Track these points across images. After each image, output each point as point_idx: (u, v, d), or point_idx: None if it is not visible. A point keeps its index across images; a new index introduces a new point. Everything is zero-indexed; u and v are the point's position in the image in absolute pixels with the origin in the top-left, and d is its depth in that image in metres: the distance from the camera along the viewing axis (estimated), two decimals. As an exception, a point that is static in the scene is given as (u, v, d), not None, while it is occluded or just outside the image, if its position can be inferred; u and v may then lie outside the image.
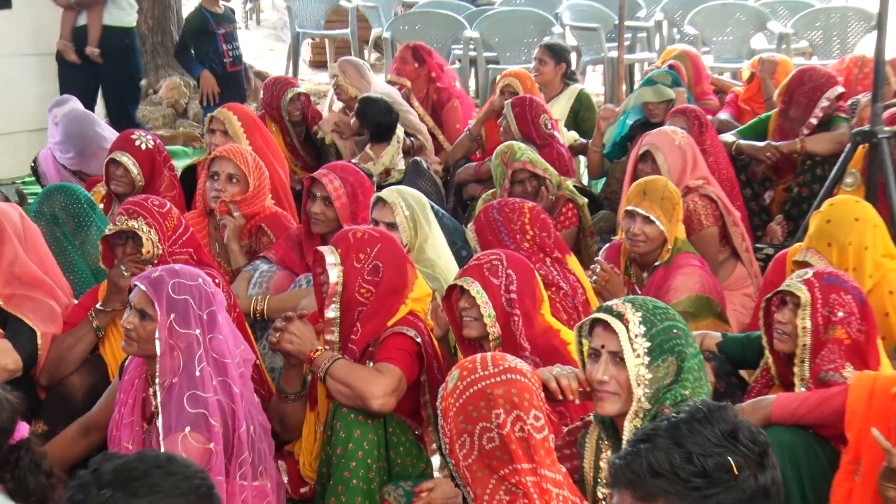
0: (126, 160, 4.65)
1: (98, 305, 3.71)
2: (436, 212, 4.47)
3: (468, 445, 2.36)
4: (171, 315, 2.89)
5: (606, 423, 2.64)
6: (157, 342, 2.88)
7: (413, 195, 4.20)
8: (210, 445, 2.83)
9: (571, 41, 9.62)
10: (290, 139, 6.16)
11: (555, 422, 2.92)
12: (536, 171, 4.80)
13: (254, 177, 4.53)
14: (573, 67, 7.49)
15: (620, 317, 2.53)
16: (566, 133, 6.20)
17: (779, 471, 1.80)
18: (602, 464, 2.66)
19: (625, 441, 2.49)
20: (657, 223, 4.02)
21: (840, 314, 3.06)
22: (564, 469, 2.44)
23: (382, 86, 6.43)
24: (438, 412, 2.43)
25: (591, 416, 2.71)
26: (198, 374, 2.88)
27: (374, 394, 3.13)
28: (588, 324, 2.64)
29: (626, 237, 4.13)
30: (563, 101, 6.72)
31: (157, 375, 2.90)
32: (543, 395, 2.46)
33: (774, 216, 5.47)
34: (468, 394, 2.37)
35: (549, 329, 3.29)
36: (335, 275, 3.30)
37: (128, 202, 3.81)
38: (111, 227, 3.73)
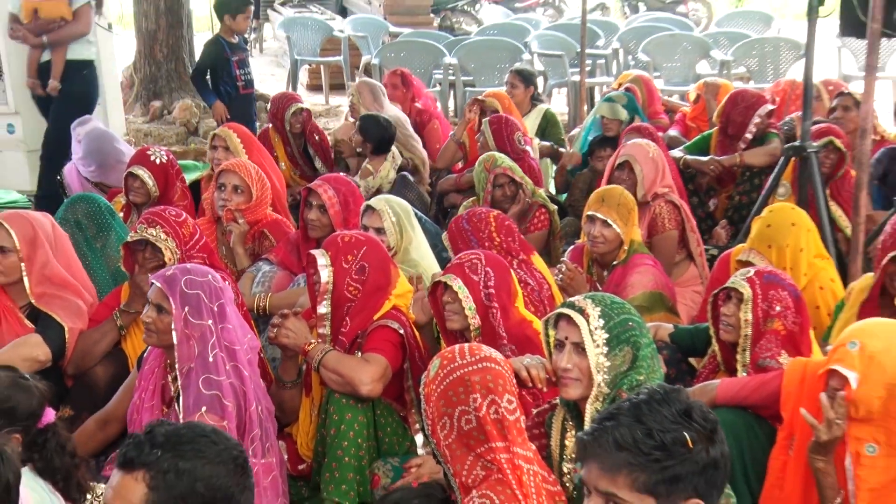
0: (142, 173, 4.63)
1: (122, 306, 3.69)
2: (419, 219, 4.46)
3: (448, 426, 2.36)
4: (185, 308, 2.88)
5: (571, 406, 2.63)
6: (174, 333, 2.88)
7: (399, 203, 4.18)
8: (224, 423, 2.81)
9: (539, 67, 9.67)
10: (291, 149, 6.17)
11: (528, 402, 2.91)
12: (514, 177, 4.83)
13: (256, 188, 4.54)
14: (540, 90, 7.50)
15: (582, 311, 2.52)
16: (539, 143, 6.21)
17: (726, 446, 1.81)
18: (567, 442, 2.65)
19: (587, 421, 2.48)
20: (614, 226, 4.02)
21: (777, 308, 3.07)
22: (534, 447, 2.44)
23: (393, 110, 6.41)
24: (421, 397, 2.43)
25: (558, 400, 2.70)
26: (211, 360, 2.86)
27: (363, 380, 3.12)
28: (554, 317, 2.64)
29: (588, 239, 4.13)
30: (532, 119, 6.73)
31: (176, 362, 2.88)
32: (515, 382, 2.46)
33: (719, 221, 5.48)
34: (448, 380, 2.37)
35: (524, 320, 3.28)
36: (326, 275, 3.28)
37: (147, 213, 3.79)
38: (133, 235, 3.70)
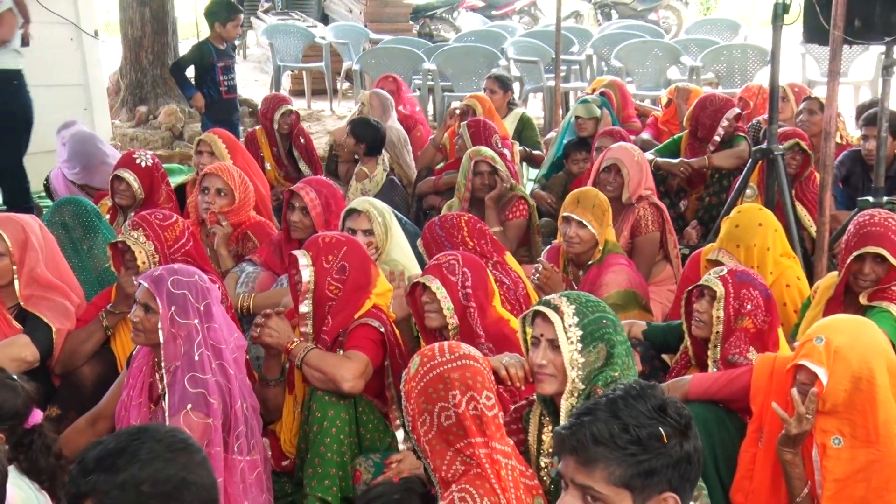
0: (128, 176, 4.61)
1: (108, 307, 3.66)
2: (400, 220, 4.45)
3: (428, 423, 2.34)
4: (172, 307, 2.86)
5: (547, 402, 2.62)
6: (161, 332, 2.85)
7: (381, 203, 4.17)
8: (209, 421, 2.80)
9: (515, 72, 9.68)
10: (277, 150, 6.16)
11: (506, 399, 2.90)
12: (495, 165, 4.94)
13: (239, 191, 4.54)
14: (516, 95, 7.51)
15: (557, 309, 2.51)
16: (517, 146, 6.23)
17: (699, 440, 1.80)
18: (544, 437, 2.63)
19: (563, 417, 2.47)
20: (589, 227, 4.02)
21: (748, 307, 3.08)
22: (512, 442, 2.43)
23: (397, 125, 6.46)
24: (402, 394, 2.41)
25: (535, 396, 2.69)
26: (197, 359, 2.84)
27: (345, 377, 3.10)
28: (530, 314, 2.63)
29: (563, 240, 4.13)
30: (509, 123, 6.75)
31: (163, 361, 2.86)
32: (494, 379, 2.45)
33: (689, 222, 5.50)
34: (428, 378, 2.36)
35: (501, 319, 3.27)
36: (307, 274, 3.26)
37: (136, 216, 3.76)
38: (118, 237, 3.69)
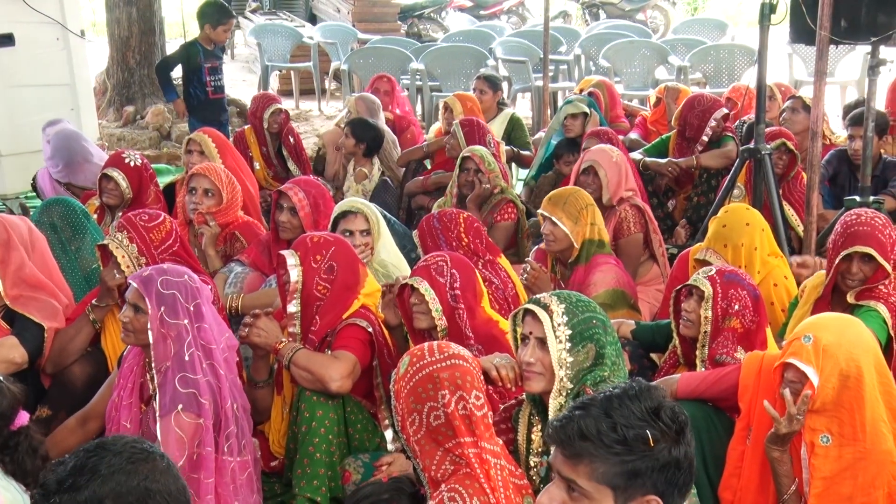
0: (116, 175, 4.59)
1: (94, 301, 3.64)
2: (388, 220, 4.44)
3: (417, 422, 2.34)
4: (161, 308, 2.85)
5: (536, 401, 2.62)
6: (150, 332, 2.84)
7: (372, 205, 4.16)
8: (200, 421, 2.79)
9: (503, 72, 9.68)
10: (266, 149, 6.15)
11: (495, 399, 2.90)
12: (481, 167, 4.91)
13: (227, 191, 4.53)
14: (505, 95, 7.51)
15: (546, 307, 2.51)
16: (504, 147, 6.24)
17: (693, 447, 1.79)
18: (534, 436, 2.63)
19: (551, 416, 2.47)
20: (560, 225, 4.02)
21: (736, 307, 3.08)
22: (501, 441, 2.43)
23: (383, 126, 6.46)
24: (391, 393, 2.41)
25: (524, 396, 2.69)
26: (187, 359, 2.83)
27: (333, 377, 3.09)
28: (521, 312, 2.63)
29: (543, 238, 4.14)
30: (498, 123, 6.74)
31: (153, 362, 2.84)
32: (484, 379, 2.44)
33: (677, 221, 5.51)
34: (418, 377, 2.36)
35: (490, 320, 3.27)
36: (295, 274, 3.26)
37: (122, 216, 3.74)
38: (104, 239, 3.68)
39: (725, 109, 5.65)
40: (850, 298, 3.34)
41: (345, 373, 3.11)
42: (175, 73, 7.10)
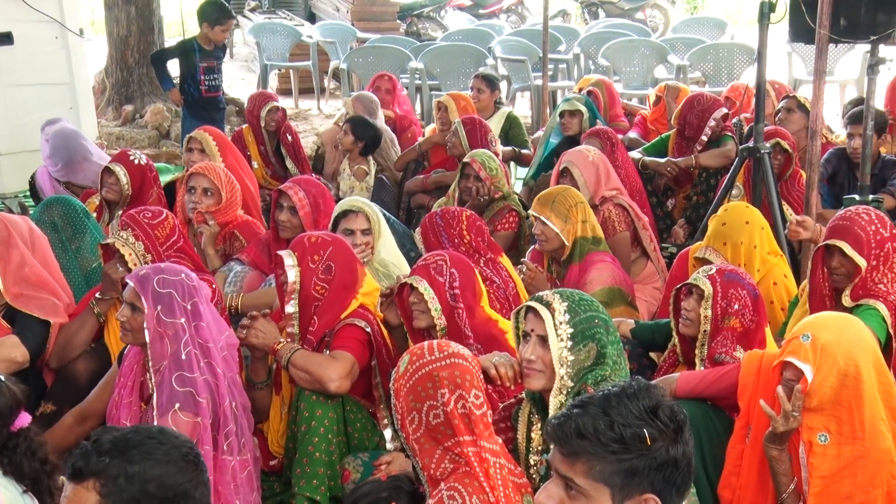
0: (118, 170, 4.59)
1: (97, 295, 3.66)
2: (388, 219, 4.44)
3: (417, 421, 2.34)
4: (158, 307, 2.85)
5: (536, 399, 2.62)
6: (147, 331, 2.84)
7: (373, 204, 4.16)
8: (197, 419, 2.79)
9: (502, 71, 9.68)
10: (264, 148, 6.14)
11: (494, 398, 2.90)
12: (480, 173, 4.85)
13: (226, 190, 4.52)
14: (503, 94, 7.52)
15: (548, 305, 2.52)
16: (501, 148, 6.24)
17: (691, 446, 1.78)
18: (533, 435, 2.63)
19: (551, 414, 2.47)
20: (549, 224, 4.03)
21: (736, 306, 3.09)
22: (501, 440, 2.43)
23: (382, 125, 6.48)
24: (391, 392, 2.41)
25: (524, 394, 2.69)
26: (184, 358, 2.83)
27: (331, 377, 3.09)
28: (523, 309, 2.63)
29: (536, 238, 4.15)
30: (496, 122, 6.74)
31: (151, 361, 2.84)
32: (483, 378, 2.44)
33: (677, 220, 5.51)
34: (417, 376, 2.36)
35: (489, 319, 3.27)
36: (293, 275, 3.26)
37: (124, 215, 3.75)
38: (108, 239, 3.69)
39: (725, 109, 5.65)
40: (846, 300, 3.30)
41: (343, 373, 3.11)
42: (174, 73, 7.10)
